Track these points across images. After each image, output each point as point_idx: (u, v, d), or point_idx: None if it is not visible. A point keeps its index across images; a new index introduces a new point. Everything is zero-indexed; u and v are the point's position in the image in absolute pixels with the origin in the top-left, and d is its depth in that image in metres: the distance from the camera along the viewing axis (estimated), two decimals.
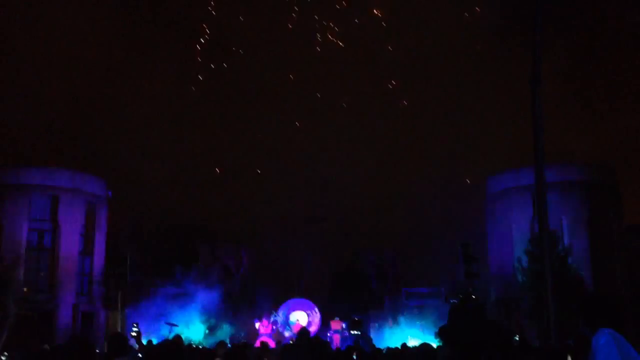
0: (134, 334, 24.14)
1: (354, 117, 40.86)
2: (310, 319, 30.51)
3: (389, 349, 17.62)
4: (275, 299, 32.43)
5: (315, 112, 39.63)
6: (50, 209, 30.65)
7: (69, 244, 30.67)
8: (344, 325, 29.08)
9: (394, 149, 40.10)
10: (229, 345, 24.47)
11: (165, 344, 11.28)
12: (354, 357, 11.01)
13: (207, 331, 28.34)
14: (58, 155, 43.03)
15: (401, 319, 30.27)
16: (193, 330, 29.35)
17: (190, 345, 25.68)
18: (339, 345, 26.93)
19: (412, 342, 23.79)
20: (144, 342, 22.72)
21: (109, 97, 47.24)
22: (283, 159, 38.73)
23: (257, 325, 29.18)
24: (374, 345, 23.65)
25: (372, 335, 29.16)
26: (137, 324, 25.52)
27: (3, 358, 19.84)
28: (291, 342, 24.70)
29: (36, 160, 36.16)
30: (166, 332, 25.60)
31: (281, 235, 37.60)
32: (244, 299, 32.10)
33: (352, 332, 28.19)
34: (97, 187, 32.78)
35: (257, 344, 26.01)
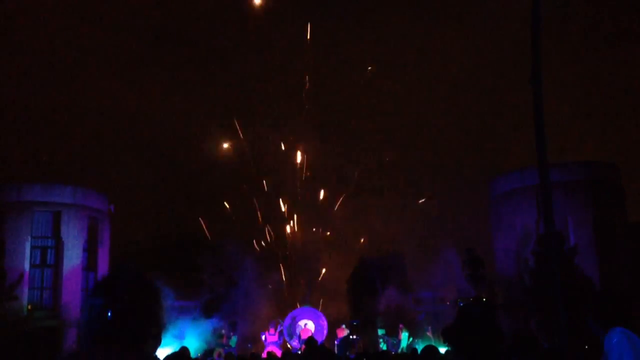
0: None
1: (357, 117, 40.77)
2: (317, 328, 30.31)
3: (397, 354, 17.49)
4: (282, 308, 32.29)
5: (318, 115, 39.54)
6: (53, 225, 30.59)
7: (72, 259, 30.60)
8: (345, 335, 28.92)
9: (398, 152, 40.00)
10: (236, 355, 24.31)
11: (172, 356, 11.16)
12: None
13: (216, 342, 28.16)
14: (59, 171, 43.03)
15: (409, 325, 30.10)
16: (200, 342, 29.18)
17: (197, 358, 25.57)
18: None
19: (421, 348, 23.61)
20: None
21: (107, 111, 47.29)
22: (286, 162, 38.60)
23: (262, 337, 29.02)
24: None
25: (380, 341, 29.05)
26: None
27: None
28: (299, 351, 24.57)
29: (37, 176, 36.15)
30: (173, 345, 25.43)
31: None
32: (249, 310, 31.93)
33: (353, 336, 28.26)
34: (99, 201, 32.73)
35: (265, 354, 25.84)
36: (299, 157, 37.92)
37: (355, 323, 28.98)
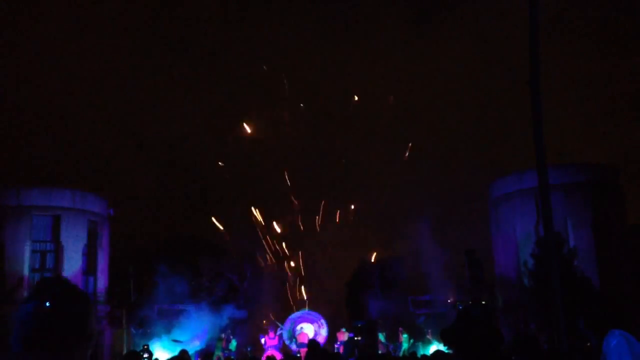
0: (146, 355, 23.81)
1: (358, 122, 40.95)
2: (317, 331, 30.28)
3: (398, 357, 17.48)
4: (281, 312, 32.28)
5: (316, 117, 39.69)
6: (52, 229, 30.52)
7: (72, 264, 30.52)
8: (350, 336, 28.86)
9: (397, 155, 40.11)
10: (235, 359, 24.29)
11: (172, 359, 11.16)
12: None
13: (216, 346, 28.13)
14: (58, 175, 43.07)
15: (409, 328, 30.06)
16: (199, 346, 29.15)
17: None
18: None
19: (421, 351, 23.61)
20: None
21: (106, 115, 47.34)
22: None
23: (262, 340, 29.00)
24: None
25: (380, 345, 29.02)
26: (147, 345, 25.20)
27: None
28: (298, 354, 24.55)
29: (36, 180, 36.15)
30: (173, 349, 25.40)
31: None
32: (249, 313, 31.91)
33: (357, 338, 28.21)
34: (98, 205, 32.68)
35: (264, 358, 25.82)
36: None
37: (360, 324, 28.87)
